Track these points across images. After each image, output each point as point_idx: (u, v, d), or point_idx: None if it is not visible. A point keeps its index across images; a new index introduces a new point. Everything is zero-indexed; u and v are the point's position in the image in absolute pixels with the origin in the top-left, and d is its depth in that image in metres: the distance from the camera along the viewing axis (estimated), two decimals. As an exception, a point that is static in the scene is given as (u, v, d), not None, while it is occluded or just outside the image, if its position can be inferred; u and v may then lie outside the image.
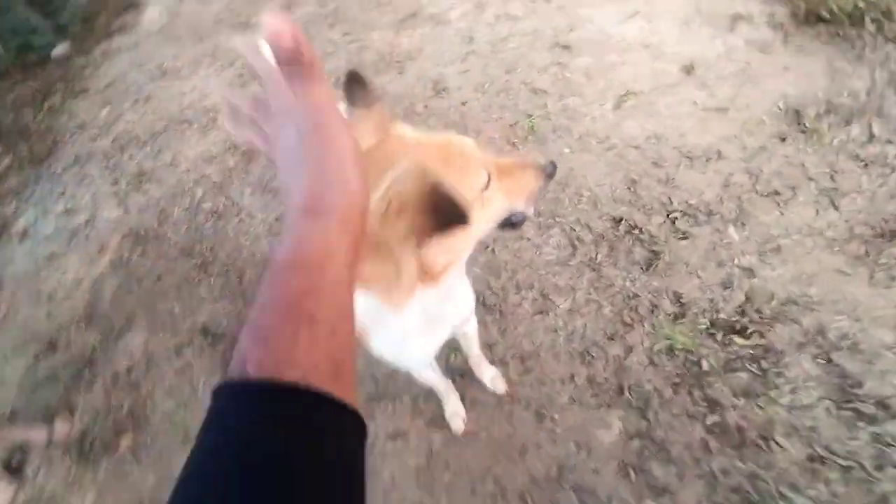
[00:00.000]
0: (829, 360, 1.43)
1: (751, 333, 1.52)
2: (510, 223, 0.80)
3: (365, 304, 0.72)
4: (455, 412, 1.58)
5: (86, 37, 4.87)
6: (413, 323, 0.83)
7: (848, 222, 1.70)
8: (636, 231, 1.88)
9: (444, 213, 0.58)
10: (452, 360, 1.72)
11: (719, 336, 1.54)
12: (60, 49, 4.68)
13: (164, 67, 4.08)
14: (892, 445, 1.29)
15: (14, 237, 3.01)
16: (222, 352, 2.01)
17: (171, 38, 4.48)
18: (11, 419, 2.10)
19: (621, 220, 1.92)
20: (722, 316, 1.59)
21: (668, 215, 1.89)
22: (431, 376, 1.41)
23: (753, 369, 1.46)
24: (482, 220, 0.72)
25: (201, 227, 2.61)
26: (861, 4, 2.37)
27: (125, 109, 3.72)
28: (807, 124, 2.01)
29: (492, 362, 1.66)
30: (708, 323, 1.59)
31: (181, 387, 1.98)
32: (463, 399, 1.62)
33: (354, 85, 0.70)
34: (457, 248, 0.71)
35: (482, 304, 1.86)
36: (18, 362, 2.30)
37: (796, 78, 2.21)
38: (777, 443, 1.35)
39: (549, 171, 0.80)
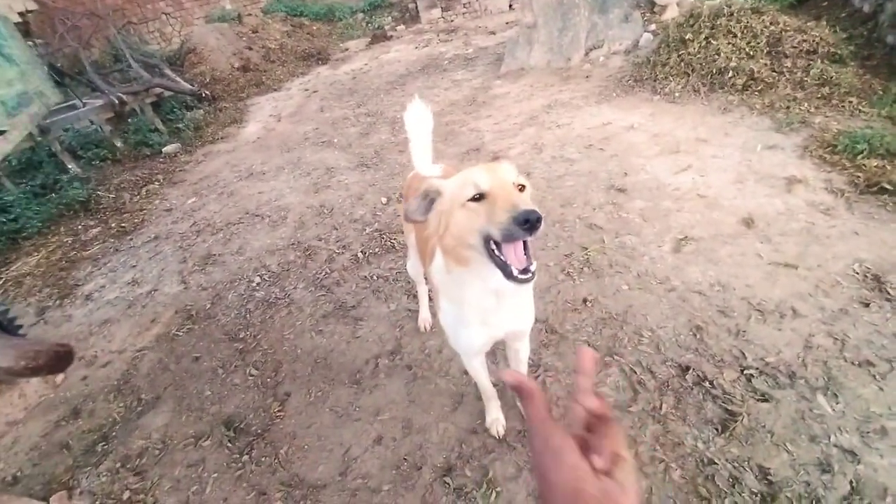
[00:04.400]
0: None
1: (866, 538, 1.23)
2: (497, 262, 0.92)
3: (439, 265, 1.17)
4: (496, 419, 1.71)
5: (194, 140, 5.74)
6: (462, 297, 1.16)
7: (965, 410, 1.47)
8: (706, 384, 1.70)
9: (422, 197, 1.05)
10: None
11: (825, 535, 1.26)
12: (171, 147, 5.50)
13: (252, 169, 4.65)
14: None
15: (78, 299, 3.17)
16: None
17: (263, 148, 5.18)
18: (13, 484, 1.95)
19: (688, 368, 1.77)
20: (824, 507, 1.32)
21: (742, 371, 1.72)
22: (479, 371, 1.54)
23: (880, 592, 1.14)
24: (460, 216, 0.95)
25: (250, 313, 2.65)
26: (925, 182, 2.40)
27: (210, 200, 4.16)
28: (890, 292, 1.89)
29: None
30: (807, 513, 1.31)
31: (189, 483, 1.80)
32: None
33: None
34: (444, 223, 1.00)
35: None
36: (37, 425, 2.23)
37: (869, 244, 2.16)
38: None
39: (514, 215, 0.83)
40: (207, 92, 6.70)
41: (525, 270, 0.90)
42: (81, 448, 2.06)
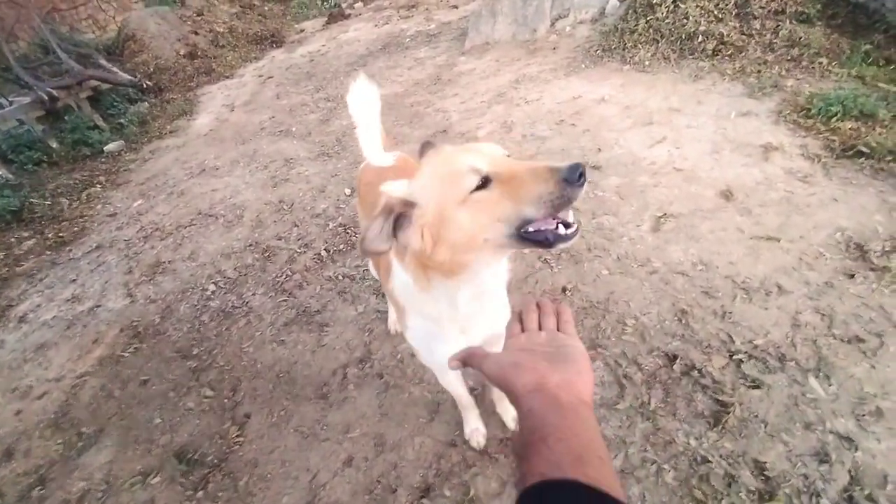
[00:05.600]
0: None
1: (870, 533, 1.15)
2: (537, 239, 0.74)
3: (403, 282, 0.97)
4: (476, 429, 1.58)
5: (139, 137, 5.29)
6: (441, 312, 0.97)
7: (958, 383, 1.41)
8: (695, 373, 1.60)
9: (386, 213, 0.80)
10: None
11: (827, 532, 1.18)
12: (113, 146, 5.05)
13: (204, 165, 4.30)
14: None
15: (11, 321, 2.86)
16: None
17: (217, 141, 4.81)
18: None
19: (675, 357, 1.66)
20: (824, 501, 1.23)
21: (731, 356, 1.63)
22: (455, 384, 1.44)
23: None
24: (466, 217, 0.76)
25: (205, 326, 2.42)
26: (900, 142, 2.34)
27: (158, 202, 3.82)
28: (874, 261, 1.82)
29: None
30: (807, 509, 1.23)
31: (137, 530, 1.61)
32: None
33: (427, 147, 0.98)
34: (433, 236, 0.78)
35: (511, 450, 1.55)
36: (-33, 471, 1.98)
37: (849, 210, 2.09)
38: None
39: (566, 175, 0.69)
40: (149, 82, 6.19)
41: (566, 224, 0.74)
42: (15, 494, 1.83)
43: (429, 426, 1.67)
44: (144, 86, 6.06)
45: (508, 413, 1.60)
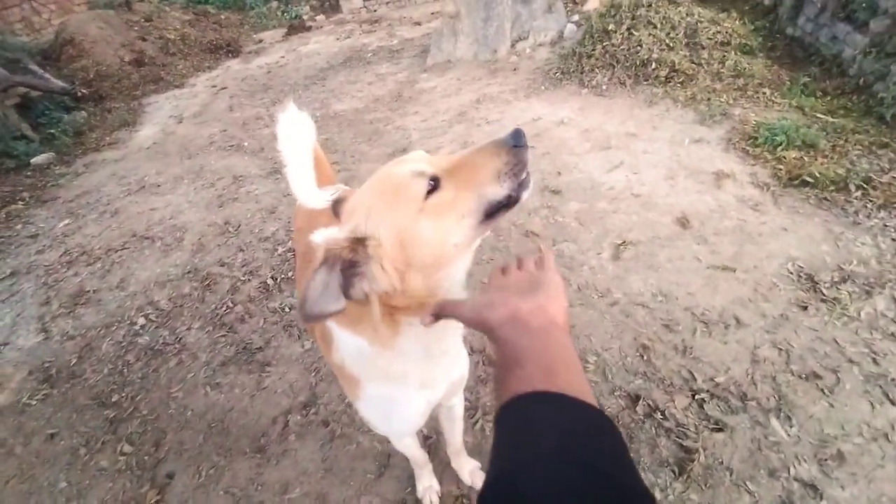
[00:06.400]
0: None
1: None
2: (502, 207, 0.70)
3: (355, 348, 0.83)
4: (429, 487, 1.46)
5: (73, 148, 4.86)
6: (407, 368, 0.86)
7: (911, 420, 1.41)
8: (658, 415, 1.53)
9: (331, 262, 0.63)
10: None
11: None
12: (42, 158, 4.60)
13: (144, 182, 3.97)
14: None
15: None
16: None
17: (160, 155, 4.48)
18: None
19: (638, 398, 1.59)
20: (793, 559, 1.18)
21: (693, 395, 1.57)
22: (411, 447, 1.33)
23: None
24: (429, 226, 0.66)
25: (129, 367, 2.15)
26: (841, 171, 2.43)
27: (88, 222, 3.47)
28: (825, 292, 1.84)
29: None
30: (776, 568, 1.17)
31: None
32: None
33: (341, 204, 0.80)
34: (416, 261, 0.66)
35: (467, 508, 1.41)
36: None
37: (798, 240, 2.13)
38: None
39: (511, 142, 0.68)
40: (86, 90, 5.74)
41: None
42: None
43: (377, 483, 1.51)
44: (80, 94, 5.62)
45: (465, 467, 1.47)
